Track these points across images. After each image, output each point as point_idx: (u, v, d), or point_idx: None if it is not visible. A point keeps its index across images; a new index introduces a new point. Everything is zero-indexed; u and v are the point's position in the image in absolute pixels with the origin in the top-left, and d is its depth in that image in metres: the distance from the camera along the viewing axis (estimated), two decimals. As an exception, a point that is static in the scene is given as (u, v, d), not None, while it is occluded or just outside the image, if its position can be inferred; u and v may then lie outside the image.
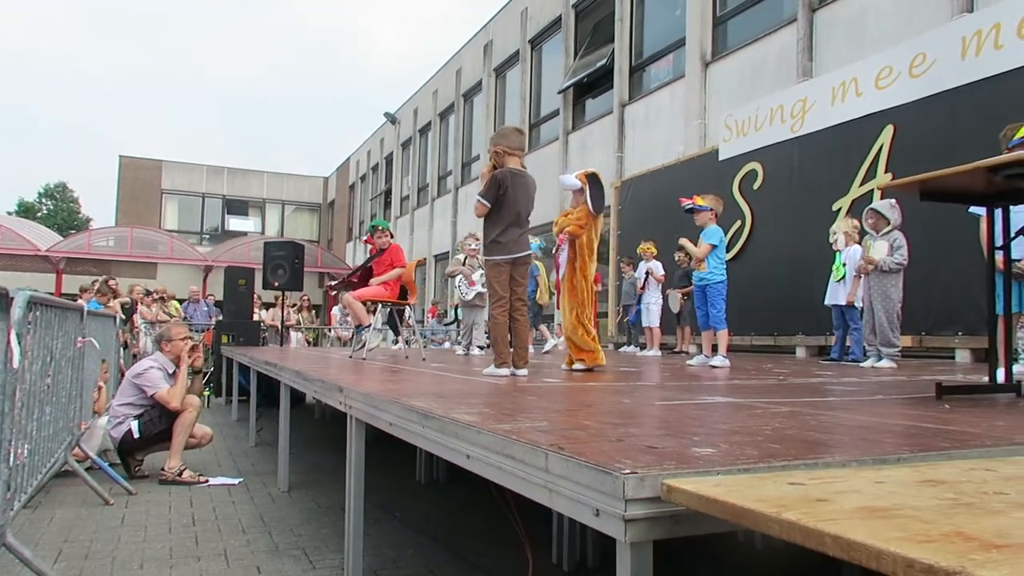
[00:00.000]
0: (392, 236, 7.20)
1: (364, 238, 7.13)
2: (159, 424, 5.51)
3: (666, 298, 10.09)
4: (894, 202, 6.44)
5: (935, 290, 7.72)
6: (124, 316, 11.77)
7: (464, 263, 9.31)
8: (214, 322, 12.88)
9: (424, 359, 6.87)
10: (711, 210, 6.55)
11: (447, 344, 14.94)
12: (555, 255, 5.61)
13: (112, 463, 5.51)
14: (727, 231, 10.28)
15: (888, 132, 8.47)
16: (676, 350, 10.24)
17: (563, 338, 5.57)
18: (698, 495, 1.20)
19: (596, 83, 15.72)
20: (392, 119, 27.79)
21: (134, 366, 5.92)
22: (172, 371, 5.75)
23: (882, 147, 8.52)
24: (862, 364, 6.49)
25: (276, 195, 36.04)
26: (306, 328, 17.16)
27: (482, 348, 9.26)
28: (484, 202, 4.64)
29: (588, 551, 3.51)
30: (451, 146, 22.91)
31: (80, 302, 6.63)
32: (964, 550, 0.89)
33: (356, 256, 30.16)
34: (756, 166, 10.47)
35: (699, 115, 12.36)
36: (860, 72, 8.97)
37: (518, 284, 4.72)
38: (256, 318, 13.30)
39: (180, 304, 15.18)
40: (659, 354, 9.58)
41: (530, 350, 5.68)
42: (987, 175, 2.78)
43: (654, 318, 9.98)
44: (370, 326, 6.51)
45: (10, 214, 40.66)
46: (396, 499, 4.95)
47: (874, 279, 6.46)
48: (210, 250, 30.54)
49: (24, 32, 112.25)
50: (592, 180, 5.14)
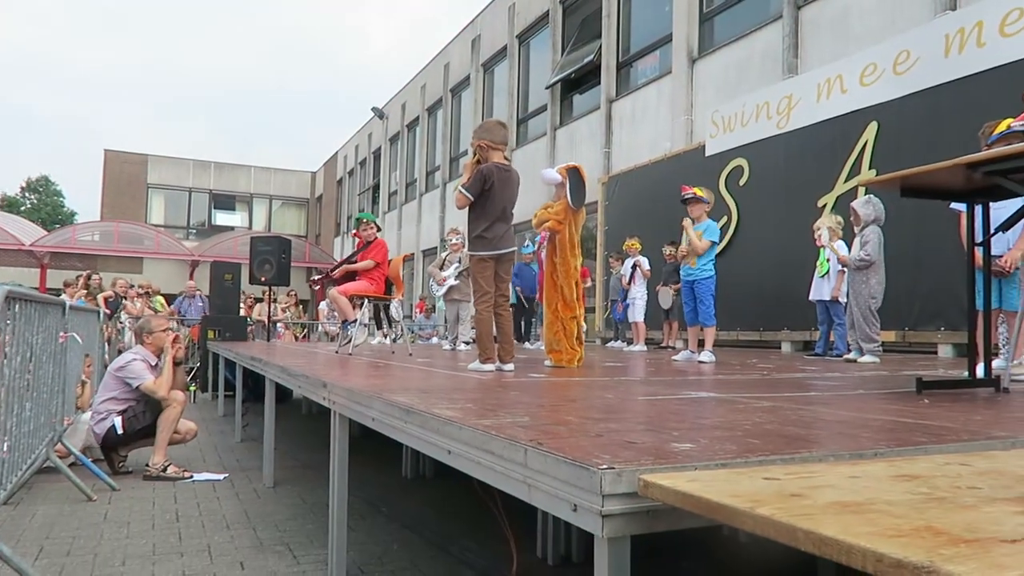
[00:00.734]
0: (379, 230, 7.16)
1: (353, 232, 7.11)
2: (143, 420, 5.48)
3: (655, 294, 10.12)
4: (870, 198, 6.48)
5: (919, 285, 7.78)
6: (110, 311, 11.70)
7: (445, 260, 9.32)
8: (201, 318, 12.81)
9: (410, 354, 6.86)
10: (707, 203, 6.55)
11: (435, 339, 14.92)
12: (537, 251, 5.61)
13: (95, 459, 5.47)
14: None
15: (872, 129, 8.52)
16: (662, 345, 10.28)
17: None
18: (674, 490, 1.21)
19: (583, 79, 15.72)
20: (380, 114, 27.70)
21: (115, 360, 5.88)
22: (155, 363, 5.72)
23: (866, 144, 8.57)
24: (846, 358, 6.54)
25: (263, 190, 35.85)
26: (293, 323, 17.10)
27: (468, 343, 9.26)
28: (467, 195, 4.62)
29: (573, 546, 3.52)
30: (439, 141, 22.85)
31: (63, 297, 6.58)
32: (934, 545, 0.90)
33: (344, 251, 30.04)
34: (742, 162, 10.51)
35: (686, 111, 12.39)
36: (845, 69, 9.02)
37: (502, 280, 4.72)
38: (254, 314, 13.29)
39: (174, 299, 15.08)
40: (645, 349, 9.61)
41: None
42: (966, 172, 2.80)
43: (639, 313, 10.01)
44: (356, 321, 6.50)
45: (-7, 209, 40.24)
46: (382, 494, 4.95)
47: (850, 275, 6.52)
48: (197, 245, 30.35)
49: (7, 25, 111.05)
50: (572, 174, 5.15)
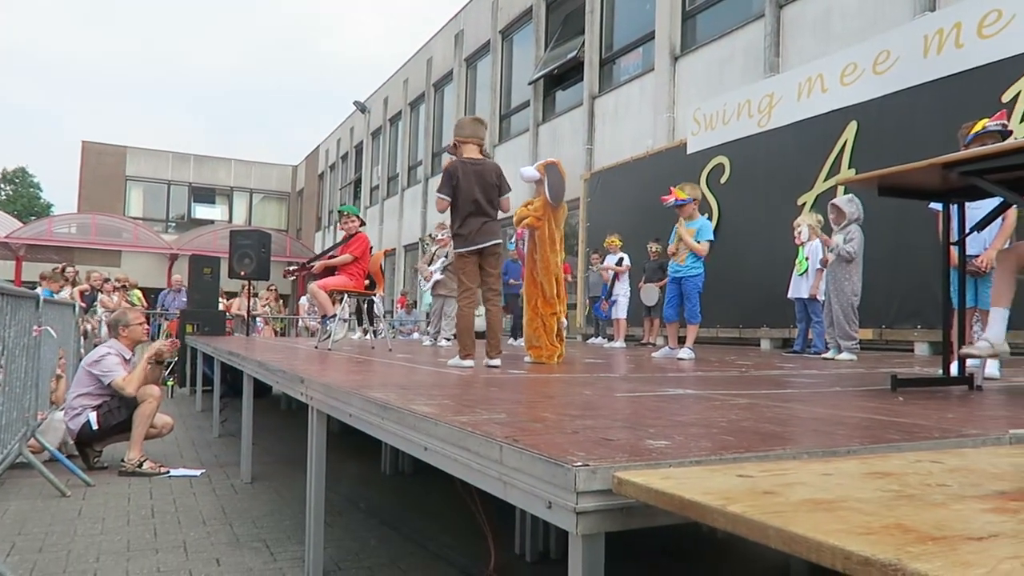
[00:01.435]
0: (363, 223, 7.09)
1: (339, 224, 7.03)
2: (118, 415, 5.42)
3: (638, 291, 10.15)
4: (852, 196, 6.54)
5: (897, 284, 7.86)
6: (85, 304, 11.55)
7: (434, 254, 9.28)
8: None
9: (390, 350, 6.84)
10: (694, 200, 6.55)
11: (416, 335, 14.88)
12: (518, 248, 5.61)
13: (70, 455, 5.40)
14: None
15: (852, 128, 8.59)
16: (643, 342, 10.31)
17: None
18: (647, 487, 1.21)
19: (566, 75, 15.72)
20: (362, 108, 27.55)
21: (89, 354, 5.81)
22: (128, 357, 5.65)
23: (846, 143, 8.64)
24: (823, 356, 6.59)
25: (244, 183, 35.55)
26: (273, 318, 16.99)
27: (449, 339, 9.25)
28: (442, 197, 4.67)
29: (551, 542, 3.52)
30: (421, 136, 22.77)
31: (37, 291, 6.49)
32: (902, 542, 0.91)
33: (326, 245, 29.87)
34: (723, 160, 10.55)
35: (668, 108, 12.42)
36: (826, 68, 9.08)
37: (488, 275, 4.70)
38: (234, 309, 13.15)
39: (155, 294, 14.91)
40: (625, 346, 9.64)
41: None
42: (942, 172, 2.82)
43: (622, 310, 10.04)
44: (335, 316, 6.46)
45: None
46: (361, 490, 4.93)
47: (830, 273, 6.57)
48: (176, 238, 30.07)
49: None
50: (551, 170, 5.15)
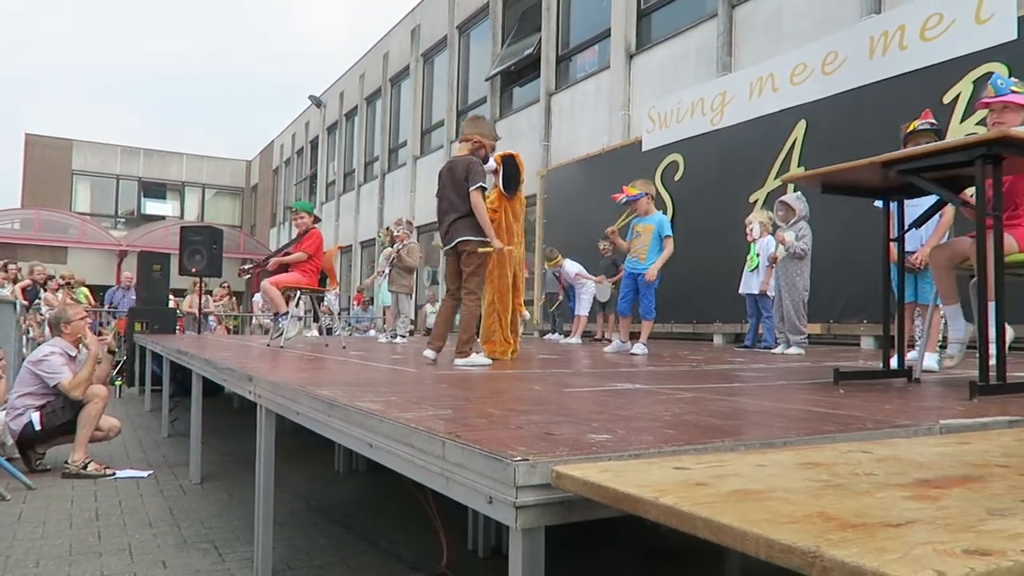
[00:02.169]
0: (316, 219, 6.97)
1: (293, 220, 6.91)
2: (62, 415, 5.27)
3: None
4: (800, 194, 6.69)
5: (844, 280, 8.05)
6: (28, 301, 11.22)
7: (396, 251, 9.23)
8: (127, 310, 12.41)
9: (344, 347, 6.78)
10: (647, 195, 6.61)
11: (372, 332, 14.78)
12: None
13: (10, 457, 5.24)
14: (649, 221, 10.47)
15: (801, 127, 8.77)
16: (597, 337, 10.39)
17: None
18: (584, 481, 1.22)
19: (523, 71, 15.74)
20: (317, 102, 27.22)
21: (33, 353, 5.65)
22: (74, 355, 5.51)
23: (796, 141, 8.81)
24: (773, 351, 6.72)
25: (196, 178, 34.83)
26: (226, 316, 16.71)
27: (405, 336, 9.21)
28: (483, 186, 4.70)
29: (504, 538, 3.53)
30: (378, 131, 22.60)
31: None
32: (823, 530, 0.93)
33: (281, 242, 29.46)
34: (677, 157, 10.68)
35: (623, 106, 12.52)
36: (776, 68, 9.25)
37: (462, 273, 4.69)
38: (184, 306, 12.88)
39: (103, 291, 14.53)
40: (581, 342, 9.71)
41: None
42: (882, 170, 2.90)
43: (584, 307, 10.12)
44: (288, 314, 6.38)
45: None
46: (313, 489, 4.89)
47: (781, 268, 6.70)
48: (125, 234, 29.36)
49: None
50: (507, 161, 5.16)
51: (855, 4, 8.78)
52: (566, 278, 10.44)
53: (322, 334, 9.06)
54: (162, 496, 4.71)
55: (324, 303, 7.10)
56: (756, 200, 9.20)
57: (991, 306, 2.91)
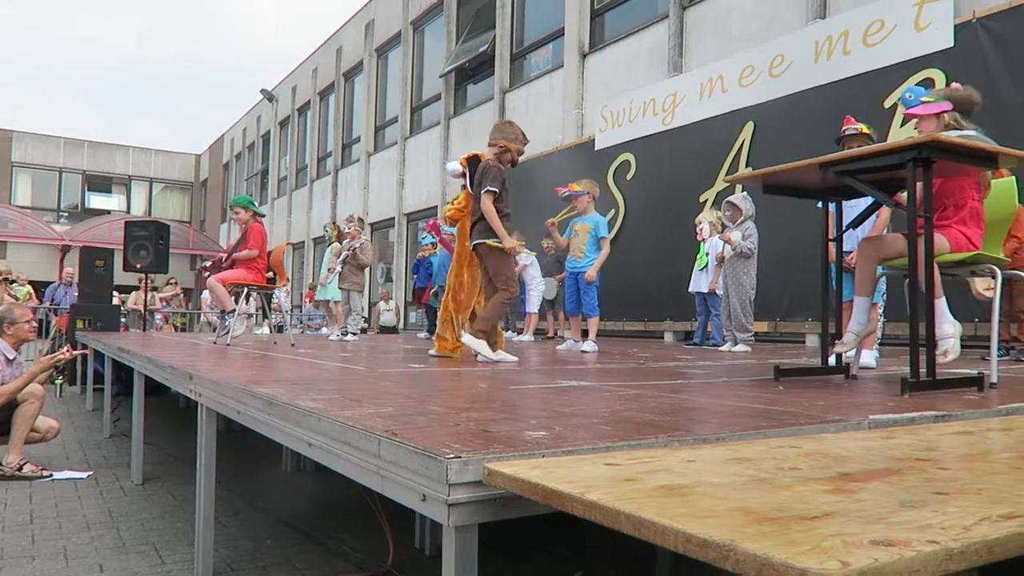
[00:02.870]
0: (256, 215, 6.71)
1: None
2: (-5, 416, 5.10)
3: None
4: (747, 194, 6.82)
5: (790, 278, 8.23)
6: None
7: (351, 249, 9.13)
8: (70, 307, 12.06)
9: (293, 344, 6.69)
10: (588, 194, 6.69)
11: (324, 329, 14.61)
12: (443, 240, 5.61)
13: (-60, 459, 5.06)
14: (601, 220, 10.56)
15: (749, 128, 8.93)
16: (549, 335, 10.44)
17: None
18: (514, 478, 1.23)
19: (478, 69, 15.73)
20: (269, 96, 26.78)
21: (-34, 354, 5.44)
22: (11, 358, 5.33)
23: (743, 142, 8.97)
24: (720, 348, 6.84)
25: (143, 172, 33.98)
26: (174, 313, 16.36)
27: (356, 334, 9.13)
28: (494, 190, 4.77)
29: (450, 535, 3.52)
30: (331, 126, 22.34)
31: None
32: (740, 524, 0.95)
33: (231, 238, 28.93)
34: (629, 157, 10.79)
35: (577, 105, 12.60)
36: (726, 70, 9.40)
37: (485, 271, 4.82)
38: (129, 303, 12.54)
39: (43, 288, 14.08)
40: (533, 339, 9.74)
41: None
42: (820, 171, 2.97)
43: (533, 304, 10.15)
44: (235, 311, 6.27)
45: None
46: (260, 488, 4.82)
47: (728, 267, 6.82)
48: (68, 229, 28.50)
49: None
50: (472, 163, 5.16)
51: (801, 8, 8.97)
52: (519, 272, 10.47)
53: (272, 332, 8.93)
54: (102, 498, 4.59)
55: (274, 300, 6.99)
56: (706, 200, 9.34)
57: (939, 303, 3.01)
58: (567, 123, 12.75)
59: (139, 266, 10.76)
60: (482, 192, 4.70)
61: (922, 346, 2.74)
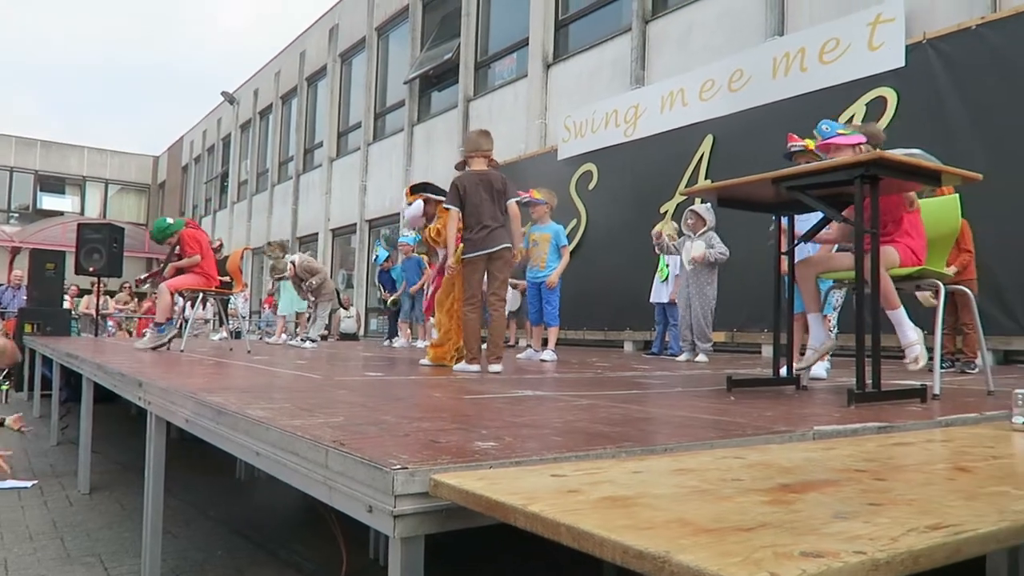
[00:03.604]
0: (179, 231, 6.51)
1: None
2: (-64, 423, 4.94)
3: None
4: (710, 205, 6.92)
5: (747, 289, 8.33)
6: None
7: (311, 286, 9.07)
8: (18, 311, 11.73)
9: (249, 351, 6.60)
10: (546, 204, 6.75)
11: (284, 336, 14.43)
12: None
13: None
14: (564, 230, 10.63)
15: (709, 141, 9.07)
16: (511, 344, 10.45)
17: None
18: (459, 489, 1.23)
19: (442, 76, 15.72)
20: (230, 99, 26.43)
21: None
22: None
23: (703, 155, 9.11)
24: (678, 359, 6.92)
25: (98, 173, 33.25)
26: (127, 318, 16.02)
27: (315, 341, 9.04)
28: (449, 207, 4.81)
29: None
30: (293, 130, 22.13)
31: None
32: (678, 535, 0.97)
33: (188, 242, 28.42)
34: (592, 167, 10.88)
35: (540, 115, 12.66)
36: (687, 83, 9.54)
37: (495, 279, 4.80)
38: (80, 307, 12.23)
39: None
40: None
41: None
42: (772, 186, 3.03)
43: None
44: (171, 321, 6.13)
45: None
46: (213, 498, 4.73)
47: (692, 277, 6.90)
48: (18, 230, 27.74)
49: None
50: (423, 189, 5.25)
51: (760, 25, 9.14)
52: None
53: (229, 338, 8.79)
54: (46, 508, 4.47)
55: (231, 306, 6.89)
56: (667, 211, 9.45)
57: (899, 313, 3.09)
58: (530, 132, 12.81)
59: (92, 269, 10.52)
60: (512, 201, 4.91)
61: (868, 357, 2.81)
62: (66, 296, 11.94)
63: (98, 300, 11.50)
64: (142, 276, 6.73)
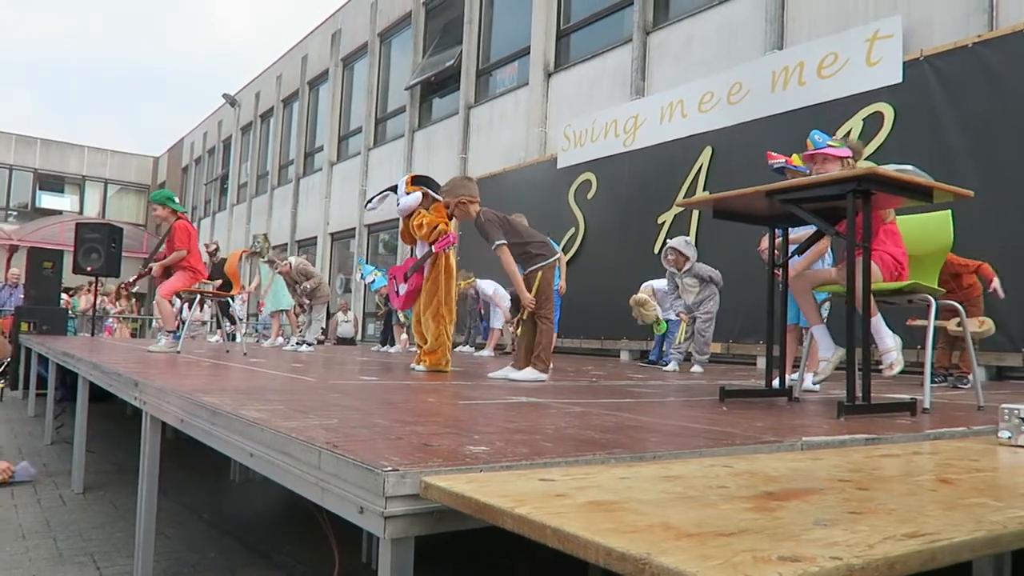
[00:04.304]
0: (177, 213, 6.40)
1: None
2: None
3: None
4: (689, 239, 7.00)
5: (743, 301, 8.37)
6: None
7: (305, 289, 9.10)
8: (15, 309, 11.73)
9: (245, 354, 6.61)
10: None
11: (280, 339, 14.44)
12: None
13: None
14: (562, 239, 10.67)
15: (707, 153, 9.11)
16: (508, 351, 10.47)
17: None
18: (449, 491, 1.25)
19: (443, 83, 15.79)
20: (232, 101, 26.49)
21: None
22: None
23: (702, 166, 9.15)
24: (665, 369, 6.95)
25: (98, 172, 33.27)
26: (124, 318, 16.02)
27: (312, 344, 9.06)
28: (503, 243, 4.86)
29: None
30: (294, 134, 22.18)
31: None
32: (660, 539, 0.99)
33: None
34: (591, 176, 10.92)
35: (541, 123, 12.72)
36: (686, 95, 9.59)
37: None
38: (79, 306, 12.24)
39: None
40: (494, 355, 9.76)
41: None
42: (766, 199, 3.06)
43: (498, 320, 10.20)
44: (174, 331, 6.14)
45: None
46: (207, 499, 4.74)
47: (698, 293, 6.99)
48: (17, 228, 27.74)
49: None
50: (424, 182, 5.24)
51: (759, 39, 9.20)
52: (483, 297, 10.52)
53: (225, 340, 8.81)
54: (39, 507, 4.48)
55: (230, 308, 6.90)
56: (664, 221, 9.49)
57: (875, 321, 3.12)
58: (530, 140, 12.86)
59: (89, 269, 10.55)
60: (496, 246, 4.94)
61: (859, 371, 2.83)
62: (64, 296, 11.94)
63: (95, 299, 11.52)
64: (131, 279, 6.72)
